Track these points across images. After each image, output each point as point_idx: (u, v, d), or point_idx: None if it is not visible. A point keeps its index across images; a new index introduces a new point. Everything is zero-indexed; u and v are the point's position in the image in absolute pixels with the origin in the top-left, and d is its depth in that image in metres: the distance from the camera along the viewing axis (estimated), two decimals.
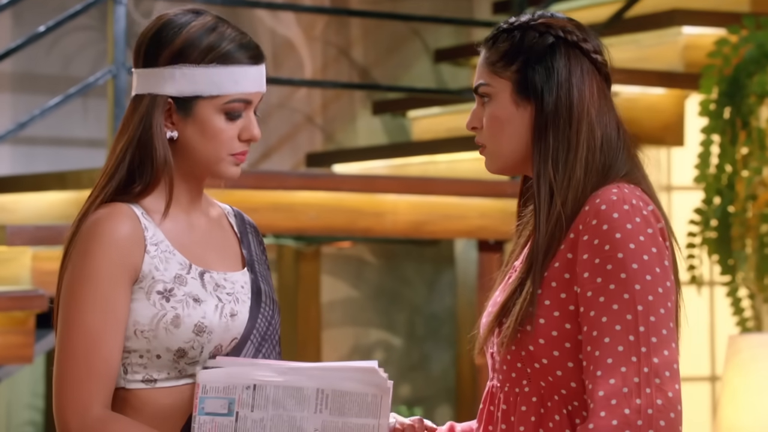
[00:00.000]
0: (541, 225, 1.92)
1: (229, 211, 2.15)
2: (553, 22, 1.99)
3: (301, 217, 4.40)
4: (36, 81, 5.13)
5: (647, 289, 1.86)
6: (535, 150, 1.95)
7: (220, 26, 2.01)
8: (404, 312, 5.67)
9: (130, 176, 2.01)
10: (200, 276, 2.01)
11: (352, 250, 5.58)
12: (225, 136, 2.00)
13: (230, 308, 2.02)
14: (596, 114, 1.95)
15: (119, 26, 4.33)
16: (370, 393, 1.90)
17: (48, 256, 3.95)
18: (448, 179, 4.77)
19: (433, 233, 4.68)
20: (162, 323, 1.96)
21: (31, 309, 3.82)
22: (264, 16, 5.49)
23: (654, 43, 5.08)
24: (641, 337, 1.84)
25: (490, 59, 2.00)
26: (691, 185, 4.91)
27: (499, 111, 1.98)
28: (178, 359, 1.98)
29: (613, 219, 1.87)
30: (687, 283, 4.89)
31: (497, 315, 1.96)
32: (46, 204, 4.56)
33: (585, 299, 1.87)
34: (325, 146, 5.66)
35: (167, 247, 2.00)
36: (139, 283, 1.98)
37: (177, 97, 2.00)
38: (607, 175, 1.94)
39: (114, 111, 4.33)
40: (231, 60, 1.99)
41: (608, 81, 2.01)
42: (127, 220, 1.98)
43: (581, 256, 1.88)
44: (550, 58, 1.96)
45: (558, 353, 1.90)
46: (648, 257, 1.87)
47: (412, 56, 5.88)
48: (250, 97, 2.01)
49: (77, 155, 5.14)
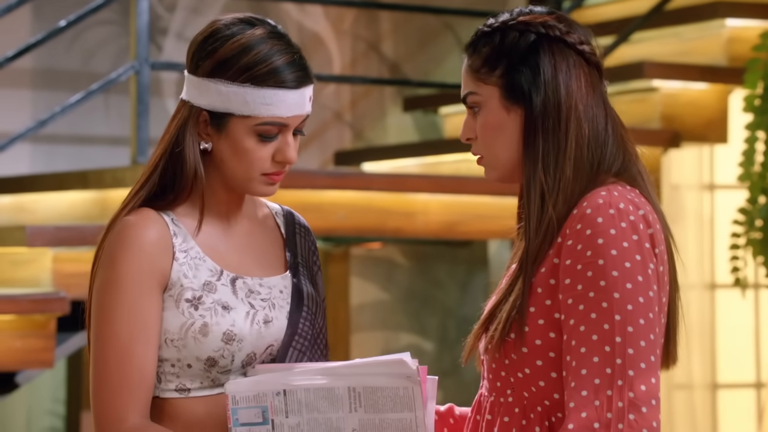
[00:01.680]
0: (531, 231, 1.91)
1: (278, 211, 2.15)
2: (533, 18, 1.96)
3: (330, 217, 4.40)
4: (56, 77, 5.15)
5: (627, 298, 1.83)
6: (525, 154, 1.93)
7: (266, 44, 1.98)
8: (436, 315, 5.66)
9: (162, 184, 2.03)
10: (231, 282, 2.02)
11: (382, 251, 5.58)
12: (256, 156, 1.99)
13: (264, 315, 2.02)
14: (583, 108, 1.93)
15: (142, 20, 4.34)
16: (401, 386, 1.89)
17: (69, 257, 3.96)
18: (481, 178, 4.71)
19: (465, 234, 4.67)
20: (190, 332, 1.97)
21: (52, 312, 3.84)
22: (291, 10, 5.49)
23: (696, 36, 5.06)
24: (617, 348, 1.81)
25: (473, 66, 1.98)
26: (735, 184, 4.88)
27: (491, 119, 1.96)
28: (209, 368, 1.99)
29: (597, 224, 1.85)
30: (731, 285, 4.86)
31: (483, 321, 1.95)
32: (66, 204, 4.58)
33: (566, 307, 1.86)
34: (355, 144, 5.65)
35: (197, 253, 2.01)
36: (168, 291, 1.98)
37: (212, 110, 2.00)
38: (597, 172, 1.92)
39: (137, 108, 4.35)
40: (266, 83, 1.97)
41: (599, 70, 1.98)
42: (154, 225, 1.99)
43: (564, 262, 1.87)
44: (534, 57, 1.93)
45: (541, 363, 1.89)
46: (630, 264, 1.84)
47: (444, 50, 5.87)
48: (286, 121, 1.99)
49: (99, 153, 5.15)
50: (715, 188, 5.30)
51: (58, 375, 5.13)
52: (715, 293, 5.26)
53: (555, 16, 1.98)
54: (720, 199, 5.26)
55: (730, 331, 5.30)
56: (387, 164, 5.42)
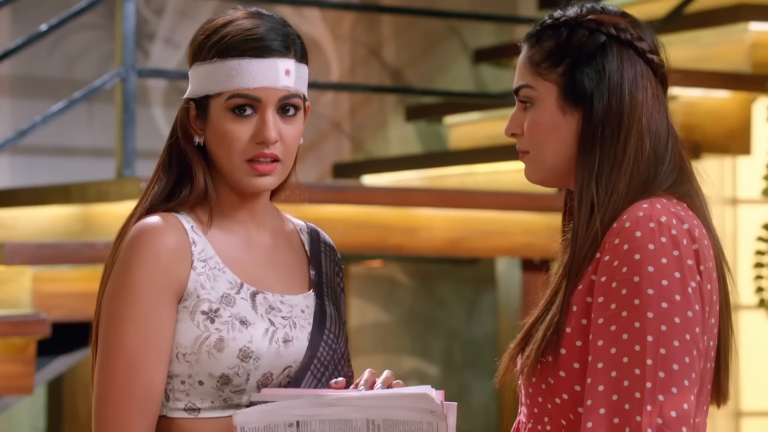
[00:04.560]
0: (577, 245, 1.90)
1: (303, 228, 2.17)
2: (605, 18, 1.95)
3: (328, 233, 4.38)
4: (37, 85, 5.16)
5: (661, 318, 1.81)
6: (580, 163, 1.92)
7: (238, 21, 2.01)
8: (440, 338, 5.66)
9: (171, 183, 2.04)
10: (251, 297, 2.01)
11: (382, 269, 5.58)
12: (233, 137, 1.99)
13: (284, 333, 2.01)
14: (647, 122, 1.92)
15: (128, 24, 4.35)
16: (424, 421, 1.87)
17: (50, 276, 3.95)
18: (489, 192, 4.76)
19: (472, 251, 4.67)
20: (205, 346, 1.96)
21: (32, 335, 3.83)
22: (287, 13, 5.50)
23: (717, 41, 5.06)
24: (648, 371, 1.80)
25: (533, 59, 1.97)
26: (759, 198, 4.88)
27: (544, 117, 1.95)
28: (222, 386, 1.97)
29: (635, 238, 1.84)
30: (755, 307, 4.86)
31: (519, 342, 1.94)
32: (47, 220, 4.57)
33: (596, 326, 1.84)
34: (354, 156, 5.66)
35: (217, 263, 2.01)
36: (183, 302, 1.98)
37: (196, 99, 2.03)
38: (648, 187, 1.91)
39: (122, 117, 4.35)
40: (229, 53, 1.99)
41: (664, 84, 1.97)
42: (173, 231, 1.99)
43: (600, 279, 1.86)
44: (601, 59, 1.93)
45: (580, 388, 1.87)
46: (668, 282, 1.82)
47: (450, 56, 5.88)
48: (255, 93, 1.99)
49: (82, 166, 5.16)
50: (738, 203, 5.30)
51: (38, 402, 5.13)
52: (738, 315, 5.25)
53: (628, 19, 1.97)
54: (743, 214, 5.26)
55: (754, 355, 5.30)
56: (388, 177, 5.42)
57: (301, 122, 2.03)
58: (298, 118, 2.03)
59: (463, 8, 5.73)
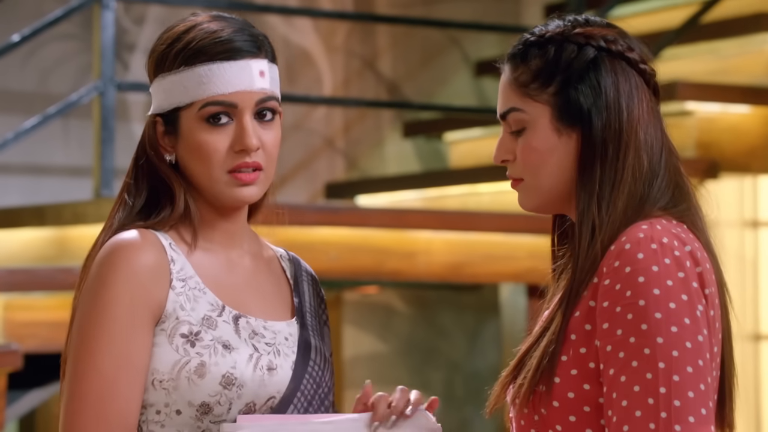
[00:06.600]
0: (578, 271, 1.90)
1: (283, 255, 2.14)
2: (593, 30, 1.96)
3: (320, 258, 4.39)
4: (9, 99, 5.15)
5: (672, 343, 1.82)
6: (580, 185, 1.92)
7: (201, 25, 2.00)
8: (440, 369, 5.65)
9: (138, 207, 2.02)
10: (234, 320, 1.99)
11: (379, 296, 5.57)
12: (211, 149, 1.98)
13: (268, 360, 1.98)
14: (644, 136, 1.93)
15: (107, 35, 4.34)
16: None
17: (22, 304, 3.94)
18: (492, 213, 4.75)
19: (474, 277, 4.66)
20: (184, 372, 1.93)
21: (2, 367, 3.82)
22: (277, 23, 5.50)
23: (736, 52, 5.06)
24: (662, 400, 1.80)
25: (519, 80, 1.97)
26: None
27: (538, 141, 1.95)
28: (202, 416, 1.94)
29: (638, 260, 1.84)
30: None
31: (511, 370, 1.94)
32: (20, 243, 4.56)
33: (604, 354, 1.85)
34: (348, 174, 5.65)
35: (197, 283, 1.99)
36: (161, 324, 1.95)
37: (163, 114, 2.02)
38: (643, 205, 1.92)
39: (100, 134, 4.34)
40: (197, 59, 1.98)
41: (657, 94, 1.98)
42: (151, 248, 1.97)
43: (601, 304, 1.86)
44: (595, 74, 1.93)
45: (575, 419, 1.88)
46: (676, 305, 1.83)
47: (450, 69, 5.88)
48: (230, 99, 1.98)
49: (57, 186, 5.14)
50: (759, 225, 5.28)
51: None
52: (760, 345, 5.24)
53: (615, 30, 1.98)
54: (765, 237, 5.25)
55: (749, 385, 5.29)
56: (385, 197, 5.42)
57: (279, 127, 2.02)
58: (276, 123, 2.01)
59: (464, 18, 5.73)
